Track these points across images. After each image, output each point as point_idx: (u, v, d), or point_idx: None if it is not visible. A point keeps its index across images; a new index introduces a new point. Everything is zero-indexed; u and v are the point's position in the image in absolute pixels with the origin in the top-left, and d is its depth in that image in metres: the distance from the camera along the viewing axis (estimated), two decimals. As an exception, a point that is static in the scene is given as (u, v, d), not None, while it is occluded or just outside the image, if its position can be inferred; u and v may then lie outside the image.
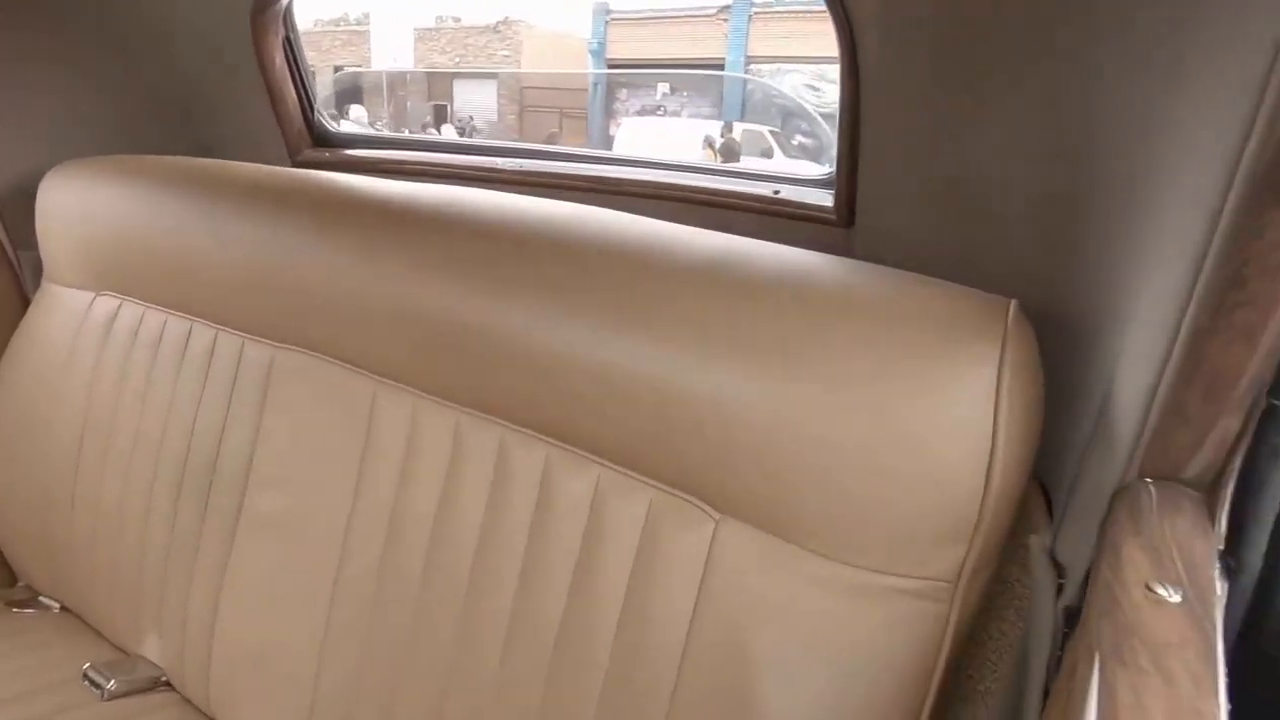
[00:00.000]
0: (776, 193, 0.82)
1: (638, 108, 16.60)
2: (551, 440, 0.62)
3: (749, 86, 14.36)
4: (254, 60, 1.07)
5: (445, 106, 18.46)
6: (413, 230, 0.71)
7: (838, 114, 0.72)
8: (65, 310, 0.99)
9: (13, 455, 1.02)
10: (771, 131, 9.87)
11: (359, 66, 19.29)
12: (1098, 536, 0.33)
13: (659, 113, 16.06)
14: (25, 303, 1.09)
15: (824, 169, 0.83)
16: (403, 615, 0.68)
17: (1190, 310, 0.34)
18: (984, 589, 0.49)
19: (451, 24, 19.68)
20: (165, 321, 0.90)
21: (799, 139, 9.92)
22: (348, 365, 0.75)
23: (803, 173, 0.87)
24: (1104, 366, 0.44)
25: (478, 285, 0.64)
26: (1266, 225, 0.30)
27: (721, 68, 14.74)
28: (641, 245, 0.61)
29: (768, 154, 9.24)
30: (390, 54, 12.98)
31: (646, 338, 0.54)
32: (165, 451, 0.87)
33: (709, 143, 9.00)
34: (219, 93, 1.17)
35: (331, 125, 1.20)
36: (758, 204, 0.82)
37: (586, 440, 0.59)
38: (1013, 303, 0.46)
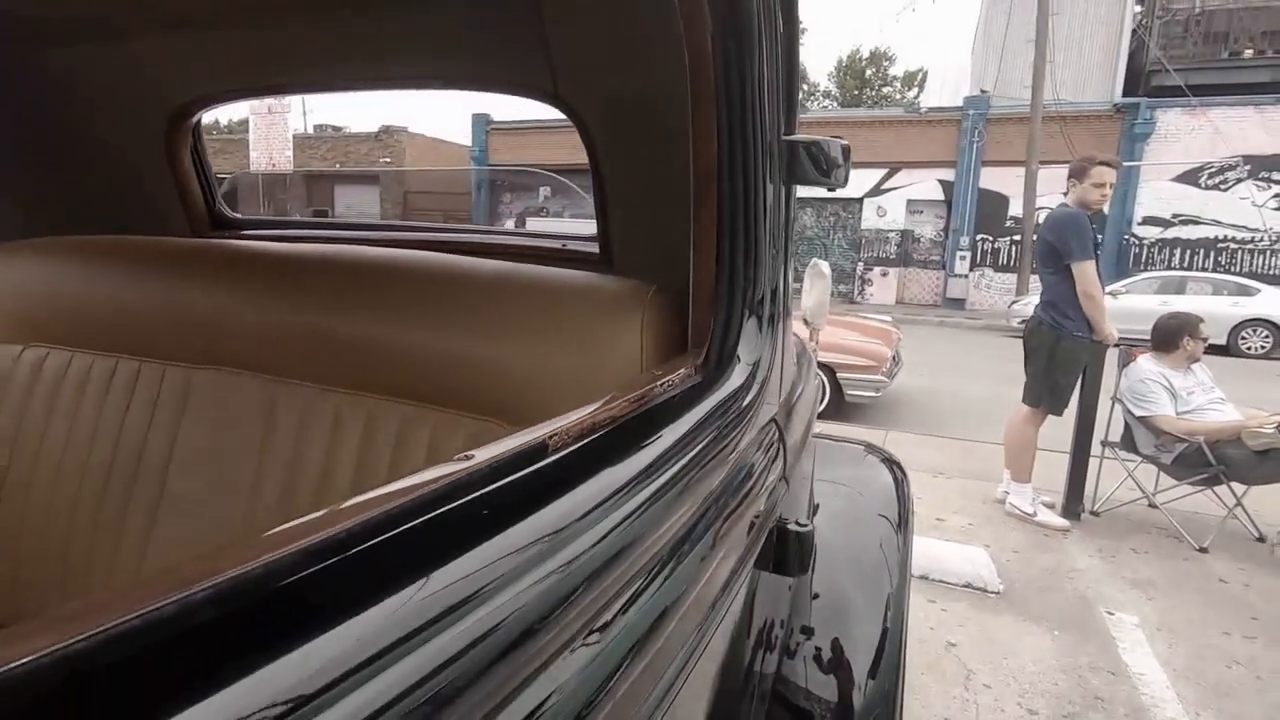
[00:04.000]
0: (564, 245, 1.20)
1: (522, 209, 17.45)
2: (404, 401, 0.93)
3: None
4: (164, 160, 1.37)
5: (325, 211, 18.52)
6: (297, 272, 1.02)
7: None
8: None
9: None
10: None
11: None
12: None
13: (542, 214, 16.94)
14: None
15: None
16: None
17: (693, 261, 0.73)
18: None
19: (331, 132, 20.08)
20: (93, 361, 1.14)
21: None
22: (252, 373, 1.03)
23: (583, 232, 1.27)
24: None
25: (350, 306, 0.96)
26: (695, 218, 0.69)
27: (597, 172, 15.80)
28: (456, 273, 0.96)
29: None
30: (268, 161, 13.14)
31: (458, 328, 0.89)
32: (93, 459, 1.09)
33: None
34: (132, 185, 1.44)
35: (229, 212, 1.50)
36: (552, 253, 1.20)
37: (426, 397, 0.91)
38: (652, 288, 0.84)
